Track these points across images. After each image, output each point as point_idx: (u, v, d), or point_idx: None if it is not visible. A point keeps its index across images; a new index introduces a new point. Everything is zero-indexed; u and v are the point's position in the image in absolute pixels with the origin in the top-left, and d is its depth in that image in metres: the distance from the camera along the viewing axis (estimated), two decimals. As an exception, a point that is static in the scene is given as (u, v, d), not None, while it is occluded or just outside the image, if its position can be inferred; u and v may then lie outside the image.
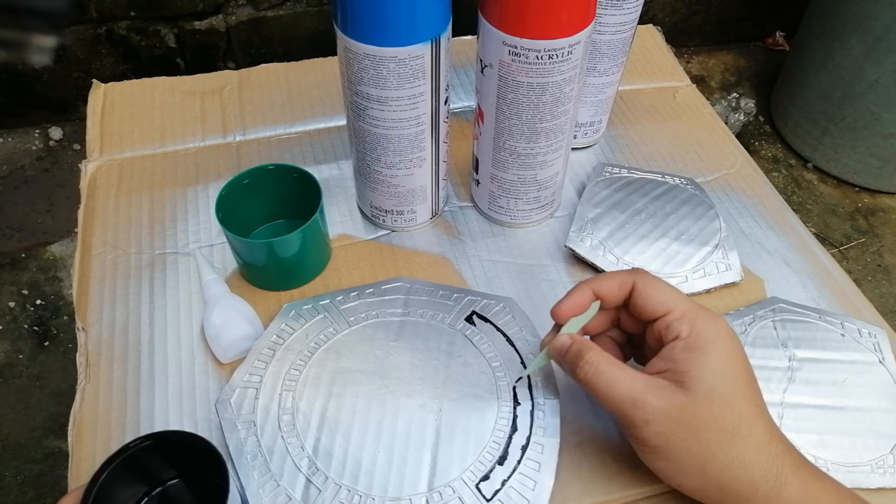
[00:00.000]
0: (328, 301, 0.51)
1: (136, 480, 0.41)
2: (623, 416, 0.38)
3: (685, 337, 0.38)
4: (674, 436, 0.37)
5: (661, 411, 0.37)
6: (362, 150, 0.53)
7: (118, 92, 0.70)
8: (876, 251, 1.50)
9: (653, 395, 0.37)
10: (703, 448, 0.37)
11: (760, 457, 0.37)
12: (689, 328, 0.39)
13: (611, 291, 0.42)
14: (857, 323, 0.52)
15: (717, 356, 0.38)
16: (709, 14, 1.87)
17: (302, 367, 0.47)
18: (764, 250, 0.59)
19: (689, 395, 0.37)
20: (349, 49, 0.46)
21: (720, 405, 0.37)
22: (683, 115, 0.71)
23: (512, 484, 0.42)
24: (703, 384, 0.37)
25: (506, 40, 0.46)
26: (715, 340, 0.38)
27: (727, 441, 0.37)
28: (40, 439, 1.14)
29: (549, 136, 0.52)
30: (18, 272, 1.36)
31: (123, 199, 0.60)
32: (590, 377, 0.39)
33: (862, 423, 0.47)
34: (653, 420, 0.37)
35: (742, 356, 0.39)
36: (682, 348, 0.38)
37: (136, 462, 0.39)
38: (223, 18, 1.53)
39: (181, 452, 0.40)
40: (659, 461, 0.39)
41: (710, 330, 0.39)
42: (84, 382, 0.49)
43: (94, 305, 0.53)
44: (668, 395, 0.37)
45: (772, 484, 0.37)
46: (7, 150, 1.57)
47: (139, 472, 0.40)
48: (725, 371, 0.38)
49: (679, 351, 0.38)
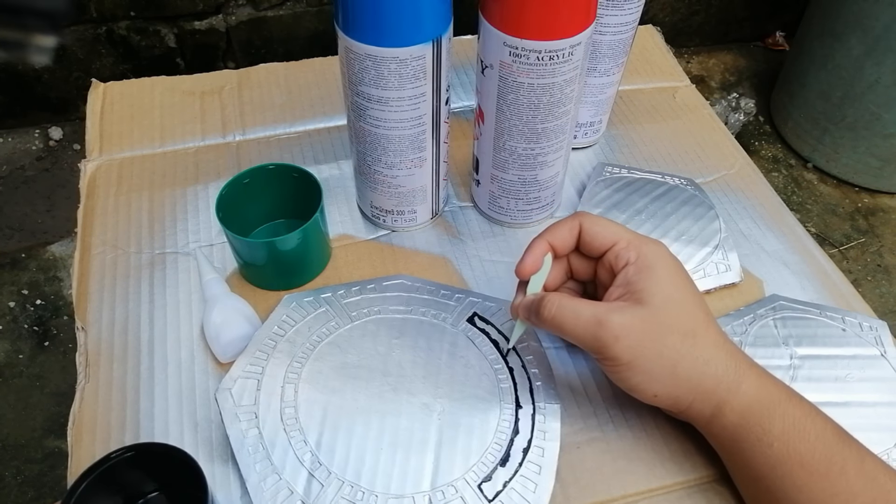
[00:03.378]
0: (329, 294, 0.51)
1: (116, 492, 0.41)
2: (593, 340, 0.40)
3: (634, 261, 0.42)
4: (641, 346, 0.40)
5: (626, 325, 0.40)
6: (363, 151, 0.53)
7: (118, 91, 0.70)
8: (876, 251, 1.50)
9: (616, 314, 0.40)
10: (671, 350, 0.40)
11: (719, 354, 0.41)
12: (637, 253, 0.42)
13: (563, 238, 0.44)
14: (858, 317, 0.52)
15: (665, 271, 0.42)
16: (709, 14, 1.87)
17: (304, 361, 0.47)
18: (763, 251, 0.59)
19: (648, 306, 0.40)
20: (350, 49, 0.46)
21: (677, 311, 0.41)
22: (683, 115, 0.71)
23: (513, 486, 0.42)
24: (658, 296, 0.41)
25: (506, 41, 0.46)
26: (660, 259, 0.42)
27: (689, 342, 0.40)
28: (40, 439, 1.14)
29: (550, 137, 0.52)
30: (18, 272, 1.36)
31: (123, 199, 0.60)
32: (553, 313, 0.41)
33: (866, 418, 0.47)
34: (620, 335, 0.39)
35: (684, 271, 0.43)
36: (634, 271, 0.42)
37: (116, 473, 0.39)
38: (223, 18, 1.53)
39: (162, 465, 0.40)
40: (634, 376, 0.41)
41: (656, 252, 0.42)
42: (84, 382, 0.48)
43: (94, 305, 0.53)
44: (630, 311, 0.40)
45: (732, 377, 0.40)
46: (7, 150, 1.57)
47: (120, 483, 0.40)
48: (675, 282, 0.42)
49: (632, 274, 0.42)
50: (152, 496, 0.43)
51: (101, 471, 0.38)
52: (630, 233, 0.44)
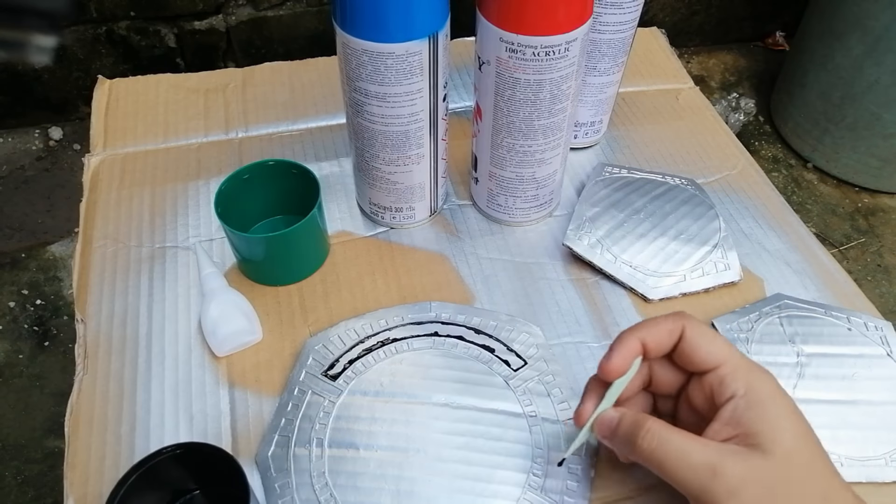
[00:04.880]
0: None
1: (159, 487, 0.41)
2: (701, 490, 0.33)
3: (743, 395, 0.35)
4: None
5: (744, 478, 0.33)
6: (361, 147, 0.53)
7: (123, 88, 0.70)
8: (876, 251, 1.50)
9: (733, 460, 0.33)
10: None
11: None
12: (745, 384, 0.35)
13: (660, 340, 0.38)
14: (863, 317, 0.52)
15: (783, 413, 0.35)
16: (709, 14, 1.87)
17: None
18: (764, 250, 0.59)
19: (769, 457, 0.33)
20: (347, 45, 0.46)
21: (804, 468, 0.34)
22: (685, 116, 0.71)
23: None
24: (780, 445, 0.34)
25: (503, 37, 0.46)
26: (774, 397, 0.35)
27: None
28: (40, 439, 1.14)
29: (547, 134, 0.52)
30: (18, 272, 1.36)
31: (125, 194, 0.61)
32: (654, 447, 0.35)
33: (873, 417, 0.47)
34: (736, 489, 0.33)
35: (801, 413, 0.36)
36: (744, 407, 0.35)
37: (162, 469, 0.39)
38: (223, 18, 1.53)
39: (205, 465, 0.40)
40: None
41: (766, 386, 0.36)
42: (82, 373, 0.49)
43: (94, 297, 0.53)
44: (750, 459, 0.33)
45: None
46: (7, 150, 1.57)
47: (164, 479, 0.41)
48: (797, 430, 0.35)
49: (742, 410, 0.35)
50: (194, 495, 0.43)
51: (148, 466, 0.39)
52: (738, 355, 0.37)
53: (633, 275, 0.55)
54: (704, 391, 0.37)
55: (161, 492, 0.41)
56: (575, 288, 0.55)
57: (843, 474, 0.43)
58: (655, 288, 0.54)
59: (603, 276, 0.56)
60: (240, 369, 0.49)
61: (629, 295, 0.55)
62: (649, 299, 0.54)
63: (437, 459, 0.44)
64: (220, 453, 0.39)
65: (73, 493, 0.43)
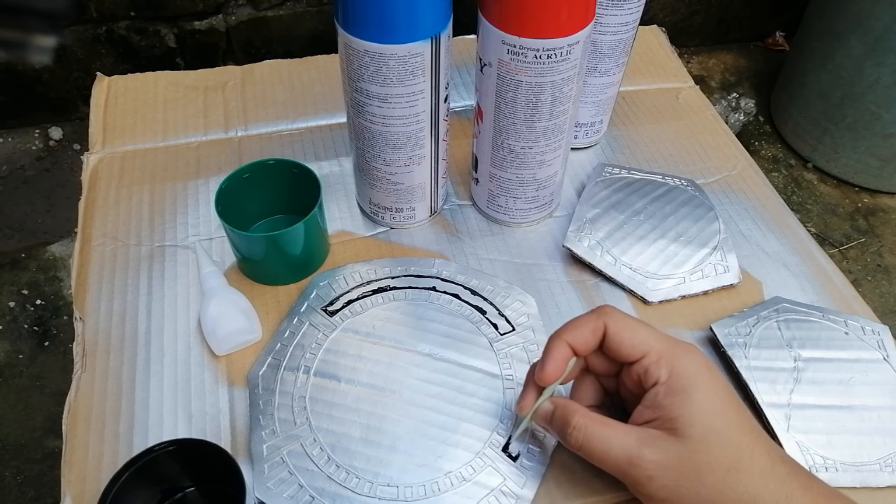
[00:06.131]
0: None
1: (154, 484, 0.41)
2: (624, 476, 0.37)
3: (665, 381, 0.37)
4: (678, 486, 0.36)
5: (660, 464, 0.36)
6: (362, 147, 0.53)
7: (122, 85, 0.70)
8: (876, 251, 1.50)
9: (648, 449, 0.36)
10: (711, 490, 0.36)
11: (768, 485, 0.36)
12: (668, 370, 0.38)
13: (585, 340, 0.40)
14: (860, 321, 0.52)
15: (702, 394, 0.37)
16: (709, 14, 1.87)
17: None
18: (763, 253, 0.59)
19: (685, 440, 0.36)
20: (350, 45, 0.46)
21: (718, 444, 0.36)
22: (686, 116, 0.71)
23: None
24: (695, 427, 0.36)
25: (505, 39, 0.46)
26: (697, 378, 0.37)
27: (732, 478, 0.36)
28: (40, 439, 1.14)
29: (548, 136, 0.52)
30: (18, 272, 1.36)
31: (124, 192, 0.61)
32: (581, 442, 0.38)
33: (869, 422, 0.47)
34: (654, 475, 0.36)
35: (725, 386, 0.38)
36: (665, 393, 0.37)
37: (156, 466, 0.39)
38: (223, 18, 1.53)
39: (200, 461, 0.40)
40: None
41: (690, 368, 0.38)
42: (80, 371, 0.49)
43: (93, 296, 0.53)
44: (663, 446, 0.36)
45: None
46: (7, 150, 1.57)
47: (158, 476, 0.41)
48: (714, 407, 0.37)
49: (663, 396, 0.37)
50: (188, 491, 0.43)
51: (142, 463, 0.39)
52: (662, 342, 0.39)
53: (632, 277, 0.55)
54: (633, 379, 0.40)
55: (155, 489, 0.41)
56: (574, 289, 0.55)
57: (837, 479, 0.43)
58: (655, 290, 0.54)
59: (602, 278, 0.56)
60: (239, 368, 0.49)
61: (629, 297, 0.55)
62: (648, 301, 0.54)
63: (410, 403, 0.46)
64: (215, 449, 0.39)
65: (71, 491, 0.43)
